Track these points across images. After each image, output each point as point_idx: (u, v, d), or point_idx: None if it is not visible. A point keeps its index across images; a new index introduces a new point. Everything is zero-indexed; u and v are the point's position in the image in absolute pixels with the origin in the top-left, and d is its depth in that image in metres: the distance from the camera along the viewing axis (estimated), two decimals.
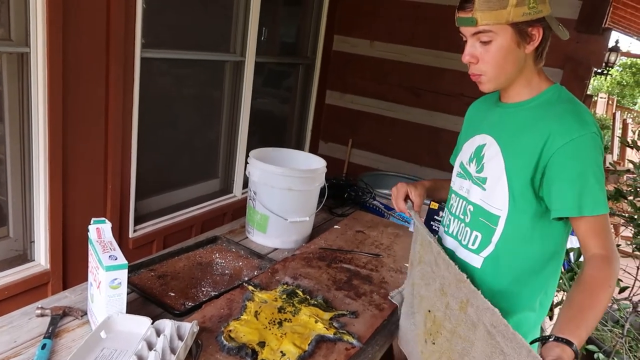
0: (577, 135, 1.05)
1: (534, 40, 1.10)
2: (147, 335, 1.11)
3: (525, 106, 1.17)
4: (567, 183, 1.06)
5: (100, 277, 1.13)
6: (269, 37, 3.02)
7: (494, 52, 1.10)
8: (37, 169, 1.78)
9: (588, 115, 1.09)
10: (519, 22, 1.07)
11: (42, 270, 1.86)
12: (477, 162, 1.24)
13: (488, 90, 1.19)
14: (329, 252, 1.74)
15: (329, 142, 3.84)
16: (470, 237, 1.25)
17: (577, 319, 0.98)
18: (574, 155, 1.05)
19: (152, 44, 2.18)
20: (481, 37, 1.10)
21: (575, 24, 2.88)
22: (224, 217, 2.82)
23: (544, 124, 1.10)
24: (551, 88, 1.16)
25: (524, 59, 1.12)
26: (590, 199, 1.05)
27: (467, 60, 1.15)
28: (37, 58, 1.67)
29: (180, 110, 2.59)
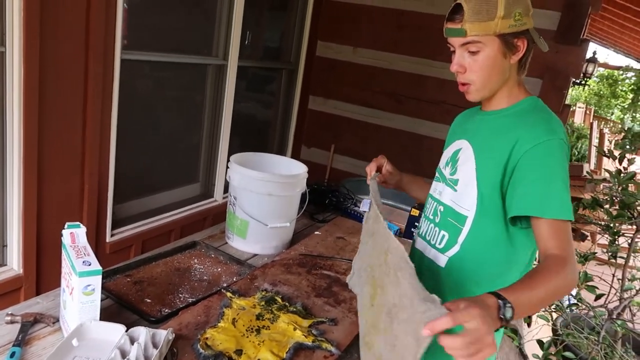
0: (544, 139, 1.08)
1: (519, 51, 1.15)
2: (121, 344, 1.08)
3: (501, 114, 1.22)
4: (533, 183, 1.08)
5: (73, 283, 1.10)
6: (252, 41, 3.01)
7: (482, 62, 1.14)
8: (10, 170, 1.74)
9: (557, 125, 1.12)
10: (505, 34, 1.11)
11: (14, 275, 1.81)
12: (451, 165, 1.29)
13: (474, 99, 1.22)
14: (309, 259, 1.73)
15: (311, 148, 3.83)
16: (438, 237, 1.30)
17: (522, 285, 0.95)
18: (541, 157, 1.08)
19: (133, 45, 2.15)
20: (470, 47, 1.14)
21: (554, 34, 2.94)
22: (204, 222, 2.79)
23: (514, 130, 1.14)
24: (528, 99, 1.21)
25: (508, 69, 1.17)
26: (557, 201, 1.06)
27: (455, 70, 1.18)
28: (12, 57, 1.63)
29: (161, 113, 2.56)
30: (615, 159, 2.00)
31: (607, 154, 2.21)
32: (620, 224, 2.09)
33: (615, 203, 2.09)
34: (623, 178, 1.89)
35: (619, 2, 4.98)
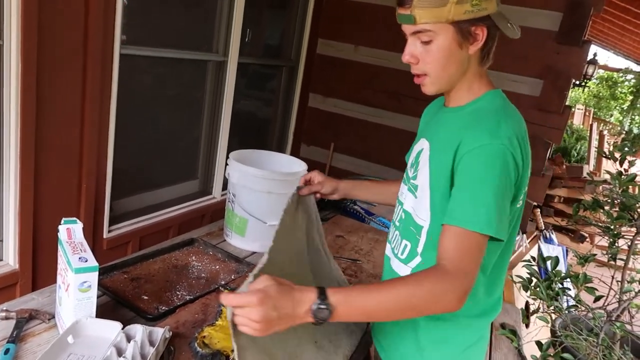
0: (482, 143, 0.97)
1: (477, 41, 1.02)
2: (117, 341, 1.07)
3: (460, 112, 1.10)
4: (458, 191, 0.99)
5: (69, 279, 1.09)
6: (253, 38, 2.99)
7: (435, 53, 1.03)
8: (7, 165, 1.72)
9: (507, 127, 0.99)
10: (460, 21, 0.99)
11: (10, 270, 1.80)
12: (414, 168, 1.19)
13: (430, 92, 1.11)
14: None
15: (310, 146, 3.82)
16: (400, 246, 1.20)
17: (362, 289, 0.94)
18: (473, 163, 0.97)
19: (132, 40, 2.13)
20: (421, 36, 1.03)
21: (555, 35, 2.93)
22: (203, 219, 2.78)
23: (461, 131, 1.03)
24: (488, 94, 1.09)
25: (467, 60, 1.05)
26: (470, 210, 0.95)
27: (407, 60, 1.07)
28: (10, 51, 1.61)
29: (161, 110, 2.54)
30: (616, 161, 1.99)
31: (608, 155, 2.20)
32: (620, 225, 2.08)
33: (615, 205, 2.08)
34: (624, 180, 1.87)
35: (619, 4, 4.98)
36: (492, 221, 0.94)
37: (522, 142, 1.00)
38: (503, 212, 0.96)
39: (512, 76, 3.04)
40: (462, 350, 1.12)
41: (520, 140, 1.00)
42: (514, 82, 3.05)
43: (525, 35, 3.20)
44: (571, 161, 5.89)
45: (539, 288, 1.97)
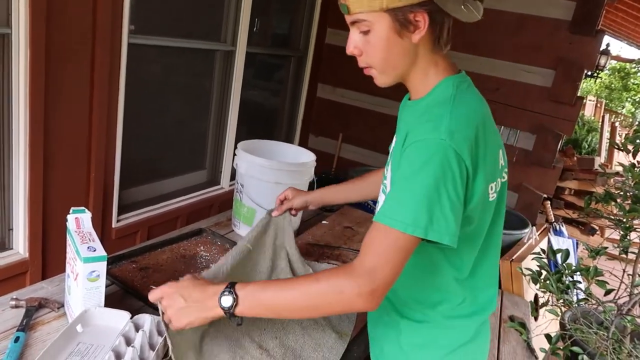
0: (420, 138, 0.90)
1: (419, 28, 0.93)
2: (125, 331, 1.07)
3: (416, 106, 1.03)
4: (390, 186, 0.95)
5: (78, 269, 1.09)
6: (261, 28, 2.97)
7: (374, 44, 0.96)
8: (17, 154, 1.73)
9: (450, 121, 0.90)
10: (395, 8, 0.91)
11: (20, 258, 1.81)
12: (387, 165, 1.11)
13: (383, 84, 1.05)
14: (317, 248, 1.71)
15: (319, 136, 3.80)
16: None
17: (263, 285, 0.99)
18: (408, 157, 0.91)
19: (140, 30, 2.12)
20: (359, 26, 0.96)
21: (568, 25, 2.88)
22: (211, 209, 2.78)
23: (410, 127, 0.98)
24: (441, 83, 1.00)
25: (413, 49, 0.97)
26: (390, 205, 0.89)
27: (350, 52, 1.00)
28: (18, 40, 1.61)
29: (169, 99, 2.53)
30: (628, 153, 1.96)
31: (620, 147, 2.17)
32: (633, 218, 2.05)
33: (628, 197, 2.05)
34: (637, 172, 1.84)
35: None
36: (419, 221, 0.85)
37: (472, 134, 0.91)
38: (439, 212, 0.86)
39: (525, 67, 3.01)
40: (448, 353, 1.07)
41: (470, 132, 0.91)
42: (527, 72, 3.02)
43: (538, 25, 3.17)
44: (582, 153, 5.83)
45: (549, 281, 1.95)
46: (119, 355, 1.01)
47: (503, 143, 1.10)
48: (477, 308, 1.09)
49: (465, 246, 0.99)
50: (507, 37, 3.01)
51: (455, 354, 1.07)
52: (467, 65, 1.24)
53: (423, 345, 1.07)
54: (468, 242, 1.00)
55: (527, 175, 3.11)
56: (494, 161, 0.99)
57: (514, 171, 3.16)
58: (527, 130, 3.09)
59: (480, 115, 0.96)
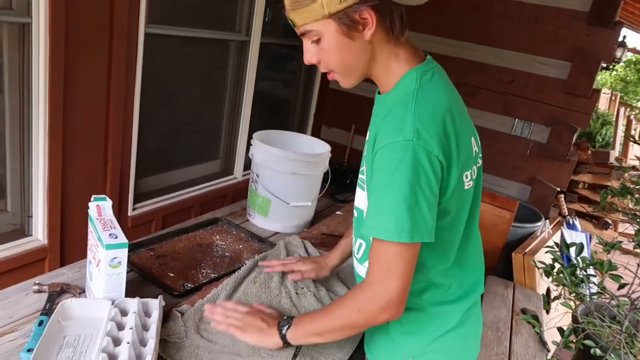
0: (387, 142, 0.89)
1: (368, 25, 0.92)
2: (112, 316, 1.07)
3: (382, 101, 1.04)
4: (369, 195, 0.95)
5: (100, 255, 1.11)
6: (275, 17, 2.96)
7: (328, 50, 0.96)
8: (36, 142, 1.75)
9: (413, 118, 0.89)
10: (338, 12, 0.90)
11: (39, 245, 1.84)
12: (362, 162, 1.09)
13: (348, 86, 1.04)
14: (331, 238, 1.72)
15: (331, 127, 3.80)
16: (355, 244, 1.15)
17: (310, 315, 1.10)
18: (378, 164, 0.91)
19: (156, 19, 2.13)
20: (309, 37, 0.96)
21: (586, 16, 2.84)
22: (224, 199, 2.80)
23: (377, 127, 0.98)
24: (404, 77, 0.98)
25: (368, 46, 0.96)
26: (375, 219, 0.91)
27: (308, 62, 1.00)
28: (38, 29, 1.62)
29: (183, 89, 2.54)
30: None
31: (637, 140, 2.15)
32: None
33: None
34: None
35: None
36: (404, 228, 0.87)
37: (439, 127, 0.90)
38: (418, 214, 0.88)
39: (540, 58, 2.97)
40: (435, 338, 1.07)
41: (437, 125, 0.90)
42: (542, 64, 2.98)
43: (555, 17, 3.12)
44: (596, 146, 5.77)
45: (562, 274, 1.95)
46: (117, 339, 1.01)
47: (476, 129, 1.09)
48: (463, 292, 1.11)
49: (446, 237, 1.01)
50: (523, 28, 2.98)
51: (444, 340, 1.08)
52: (482, 57, 1.23)
53: (411, 332, 1.08)
54: (448, 233, 1.01)
55: (541, 168, 3.09)
56: (467, 150, 0.99)
57: (527, 164, 3.15)
58: (541, 123, 3.07)
59: (446, 106, 0.95)
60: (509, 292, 2.27)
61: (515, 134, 3.12)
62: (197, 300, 1.24)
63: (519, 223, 2.66)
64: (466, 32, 3.12)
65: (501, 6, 3.01)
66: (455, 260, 1.06)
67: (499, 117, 3.15)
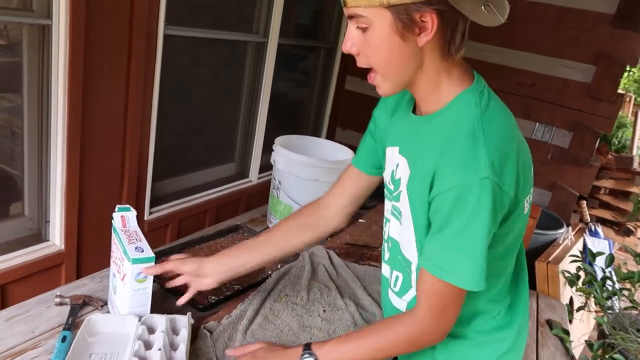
0: (460, 182, 0.80)
1: (426, 31, 0.81)
2: (140, 334, 1.03)
3: (431, 124, 0.91)
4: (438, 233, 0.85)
5: (126, 269, 1.07)
6: (292, 19, 2.92)
7: (373, 44, 0.84)
8: (54, 145, 1.72)
9: (485, 150, 0.81)
10: (398, 5, 0.79)
11: (56, 250, 1.80)
12: (395, 186, 1.01)
13: (385, 94, 0.93)
14: (356, 248, 1.68)
15: (346, 130, 3.75)
16: (392, 276, 1.09)
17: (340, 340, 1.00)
18: (452, 204, 0.82)
19: (175, 20, 2.09)
20: (357, 22, 0.84)
21: (611, 18, 2.77)
22: (239, 203, 2.76)
23: (435, 159, 0.85)
24: (460, 97, 0.88)
25: (419, 54, 0.85)
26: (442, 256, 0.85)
27: (346, 50, 0.88)
28: (59, 31, 1.58)
29: (199, 91, 2.51)
30: None
31: None
32: None
33: None
34: None
35: None
36: (479, 276, 0.83)
37: (513, 161, 0.84)
38: (486, 258, 0.84)
39: (563, 62, 2.91)
40: None
41: (510, 160, 0.83)
42: (566, 67, 2.92)
43: (579, 19, 3.05)
44: (612, 149, 5.68)
45: (592, 285, 1.89)
46: (144, 359, 0.97)
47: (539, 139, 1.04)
48: (512, 316, 1.06)
49: (499, 264, 0.96)
50: (546, 31, 2.91)
51: None
52: (503, 59, 1.16)
53: None
54: (502, 260, 0.97)
55: (562, 173, 3.03)
56: (530, 173, 0.93)
57: (548, 169, 3.08)
58: (563, 127, 3.00)
59: (511, 132, 0.87)
60: (532, 301, 2.21)
61: (535, 138, 3.06)
62: (224, 316, 1.19)
63: (541, 230, 2.60)
64: (486, 34, 3.06)
65: (524, 8, 2.94)
66: (506, 283, 1.02)
67: (519, 121, 3.03)
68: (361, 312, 1.31)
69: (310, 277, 1.41)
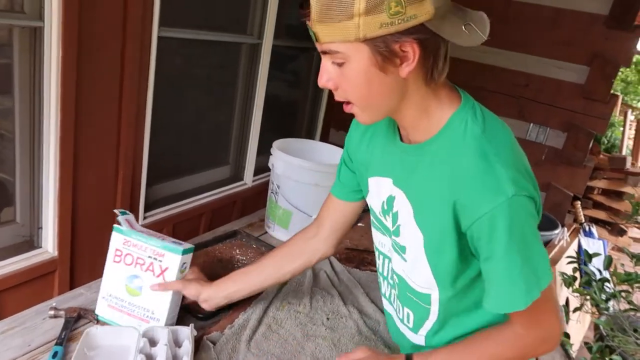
0: (491, 206, 0.78)
1: (408, 60, 0.77)
2: (141, 347, 1.00)
3: (426, 150, 0.88)
4: (492, 274, 0.83)
5: (169, 262, 1.08)
6: (286, 19, 2.89)
7: (351, 79, 0.80)
8: (47, 150, 1.68)
9: (504, 167, 0.79)
10: (375, 38, 0.74)
11: (49, 257, 1.76)
12: (392, 220, 0.97)
13: (365, 122, 0.89)
14: (356, 253, 1.66)
15: (340, 131, 3.73)
16: (402, 312, 1.05)
17: (444, 351, 0.94)
18: (487, 234, 0.80)
19: (169, 22, 2.05)
20: (331, 58, 0.80)
21: (604, 19, 2.78)
22: (234, 206, 2.73)
23: (447, 184, 0.83)
24: (453, 118, 0.85)
25: (402, 84, 0.81)
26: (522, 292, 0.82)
27: (323, 85, 0.84)
28: (51, 33, 1.54)
29: (193, 94, 2.47)
30: None
31: None
32: None
33: None
34: None
35: None
36: (545, 274, 0.83)
37: (525, 166, 0.83)
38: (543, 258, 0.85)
39: (557, 62, 2.92)
40: None
41: (524, 166, 0.83)
42: (558, 68, 2.93)
43: (573, 20, 3.06)
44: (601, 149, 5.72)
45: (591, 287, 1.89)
46: None
47: None
48: None
49: None
50: (540, 32, 2.91)
51: None
52: (497, 60, 1.13)
53: None
54: None
55: (556, 174, 3.03)
56: None
57: (542, 170, 3.08)
58: (557, 128, 3.01)
59: (513, 138, 0.87)
60: None
61: (530, 139, 3.06)
62: (227, 326, 1.17)
63: None
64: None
65: (518, 9, 2.94)
66: None
67: (513, 122, 3.08)
68: (365, 319, 1.29)
69: (312, 284, 1.39)
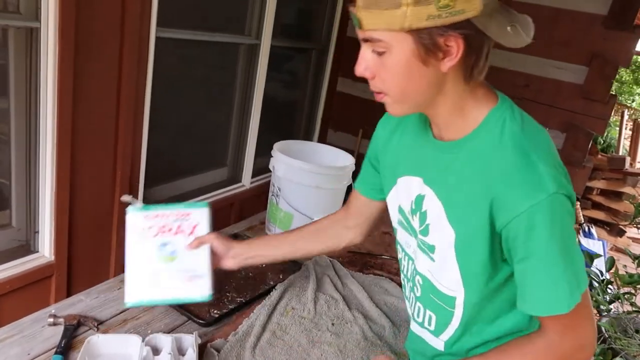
0: (531, 202, 0.76)
1: (451, 55, 0.77)
2: (144, 356, 0.98)
3: (462, 148, 0.86)
4: (529, 276, 0.81)
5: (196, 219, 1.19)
6: (284, 20, 2.87)
7: (390, 69, 0.79)
8: (43, 152, 1.65)
9: (544, 163, 0.78)
10: (421, 30, 0.74)
11: (46, 262, 1.73)
12: (420, 219, 0.94)
13: (396, 114, 0.89)
14: (359, 256, 1.64)
15: (338, 131, 3.71)
16: (424, 316, 1.01)
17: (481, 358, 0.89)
18: (527, 236, 0.78)
19: (167, 22, 2.03)
20: (373, 46, 0.79)
21: (603, 19, 2.78)
22: (232, 208, 2.70)
23: (484, 182, 0.81)
24: (490, 117, 0.84)
25: (441, 79, 0.81)
26: (561, 296, 0.80)
27: (360, 73, 0.83)
28: (47, 34, 1.52)
29: (191, 95, 2.44)
30: None
31: None
32: None
33: None
34: None
35: None
36: (584, 277, 0.82)
37: (560, 162, 0.83)
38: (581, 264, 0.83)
39: (556, 63, 2.91)
40: None
41: (560, 162, 0.82)
42: (558, 69, 2.92)
43: (572, 20, 3.05)
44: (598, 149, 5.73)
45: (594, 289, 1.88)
46: None
47: None
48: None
49: None
50: (539, 32, 2.88)
51: None
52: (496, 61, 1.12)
53: None
54: None
55: None
56: None
57: None
58: (556, 129, 3.00)
59: (551, 142, 0.86)
60: None
61: None
62: (230, 333, 1.15)
63: None
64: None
65: (516, 9, 2.92)
66: None
67: None
68: (370, 324, 1.27)
69: (316, 289, 1.37)
